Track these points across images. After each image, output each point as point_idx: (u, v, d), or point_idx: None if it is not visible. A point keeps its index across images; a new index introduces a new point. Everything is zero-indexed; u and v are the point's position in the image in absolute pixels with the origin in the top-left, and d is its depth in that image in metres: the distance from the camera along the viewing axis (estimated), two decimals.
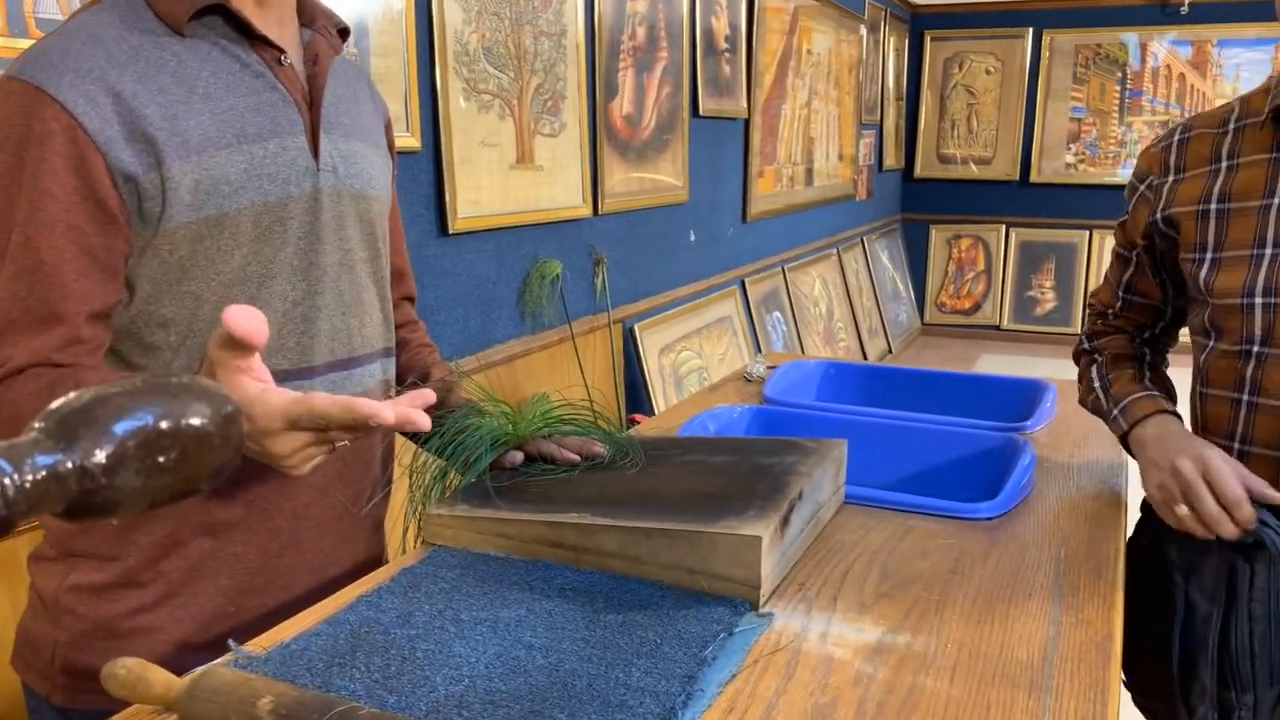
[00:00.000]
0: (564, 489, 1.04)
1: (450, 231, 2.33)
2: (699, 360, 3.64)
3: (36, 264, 0.83)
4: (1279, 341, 1.08)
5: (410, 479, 1.11)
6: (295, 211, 0.95)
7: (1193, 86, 6.18)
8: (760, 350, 4.18)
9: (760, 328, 4.25)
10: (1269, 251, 1.08)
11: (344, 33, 1.07)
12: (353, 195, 1.02)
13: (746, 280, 4.25)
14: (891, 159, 6.60)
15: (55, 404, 0.35)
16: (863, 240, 6.02)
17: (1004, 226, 6.72)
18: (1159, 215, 1.21)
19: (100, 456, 0.34)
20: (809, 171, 4.96)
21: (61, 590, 0.97)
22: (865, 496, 1.15)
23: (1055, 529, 1.11)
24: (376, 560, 1.16)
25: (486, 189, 2.45)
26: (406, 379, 1.22)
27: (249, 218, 0.91)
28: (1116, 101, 6.36)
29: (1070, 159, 6.50)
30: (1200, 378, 1.19)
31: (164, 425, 0.36)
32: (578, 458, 1.12)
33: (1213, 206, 1.14)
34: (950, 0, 6.58)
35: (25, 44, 1.41)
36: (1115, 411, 1.23)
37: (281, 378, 0.98)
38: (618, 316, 3.19)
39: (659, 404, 3.28)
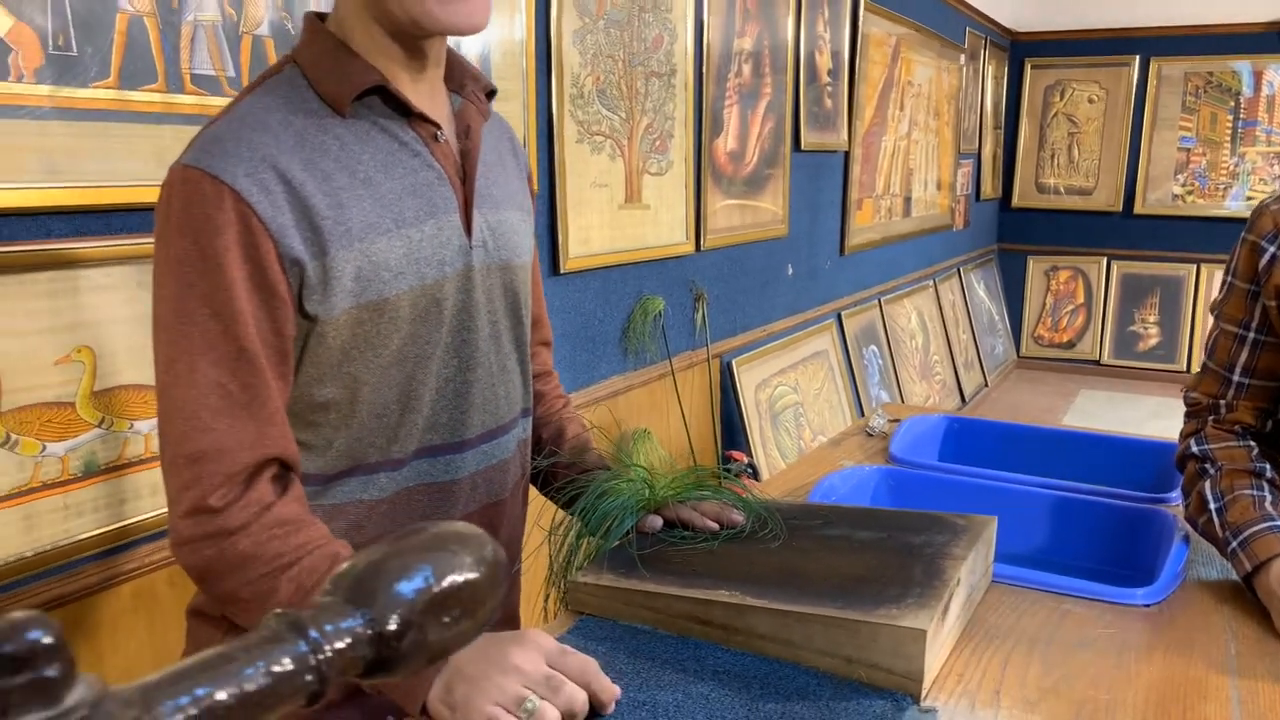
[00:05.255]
0: (708, 561, 1.03)
1: (561, 271, 2.35)
2: (795, 395, 3.61)
3: (238, 350, 0.85)
4: None
5: (549, 542, 1.12)
6: (450, 291, 0.96)
7: None
8: (856, 385, 4.13)
9: (856, 362, 4.19)
10: None
11: (491, 94, 1.08)
12: (500, 266, 1.03)
13: (843, 313, 4.20)
14: (989, 188, 6.47)
15: (345, 566, 0.36)
16: (959, 271, 5.90)
17: (1105, 259, 6.51)
18: None
19: (393, 623, 0.34)
20: (907, 202, 4.89)
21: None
22: (1015, 577, 1.12)
23: (1220, 619, 1.05)
24: (509, 621, 1.16)
25: (596, 228, 2.47)
26: (542, 434, 1.22)
27: (407, 301, 0.92)
28: (1229, 131, 6.13)
29: (1178, 189, 6.28)
30: None
31: (445, 584, 0.36)
32: (716, 525, 1.11)
33: None
34: (1053, 28, 6.43)
35: (182, 99, 1.46)
36: (1234, 545, 1.10)
37: (435, 452, 0.99)
38: (716, 351, 3.18)
39: (755, 440, 3.25)
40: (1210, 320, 1.27)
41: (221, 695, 0.28)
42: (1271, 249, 1.15)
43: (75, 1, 1.32)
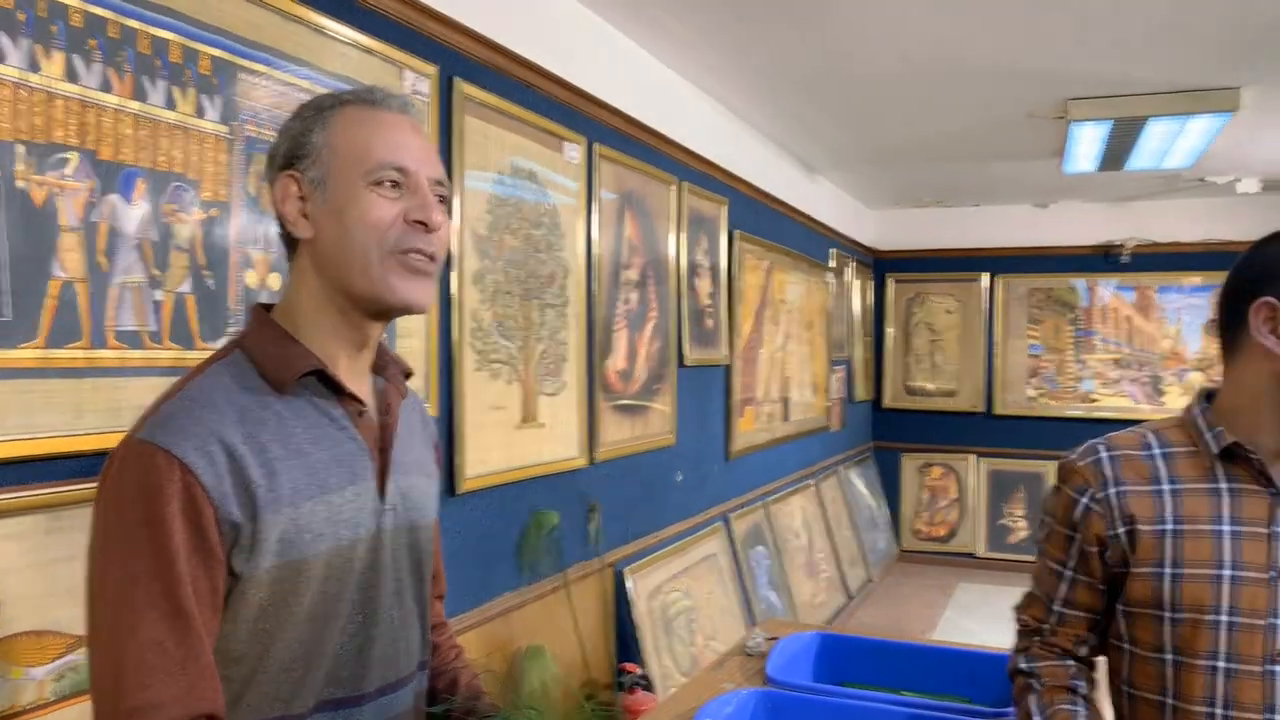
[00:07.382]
0: None
1: (458, 492, 2.45)
2: (688, 601, 3.70)
3: (177, 610, 0.92)
4: (1247, 658, 1.20)
5: None
6: (360, 551, 1.06)
7: (1139, 328, 6.61)
8: (745, 587, 4.24)
9: (745, 564, 4.33)
10: (1227, 573, 1.22)
11: (408, 375, 1.22)
12: (408, 528, 1.13)
13: (731, 516, 4.37)
14: (861, 391, 6.90)
15: None
16: (838, 470, 6.20)
17: (974, 456, 6.95)
18: (1120, 529, 1.28)
19: None
20: (785, 406, 5.20)
21: None
22: None
23: None
24: None
25: (493, 449, 2.60)
26: (436, 684, 1.29)
27: (322, 560, 1.02)
28: (1070, 340, 6.78)
29: (1031, 393, 6.84)
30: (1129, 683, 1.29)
31: None
32: None
33: (1169, 526, 1.26)
34: (910, 247, 7.11)
35: (104, 354, 1.56)
36: None
37: (335, 706, 1.05)
38: (609, 560, 3.27)
39: (648, 650, 3.31)
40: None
41: None
42: (1084, 500, 1.32)
43: (13, 273, 1.43)
